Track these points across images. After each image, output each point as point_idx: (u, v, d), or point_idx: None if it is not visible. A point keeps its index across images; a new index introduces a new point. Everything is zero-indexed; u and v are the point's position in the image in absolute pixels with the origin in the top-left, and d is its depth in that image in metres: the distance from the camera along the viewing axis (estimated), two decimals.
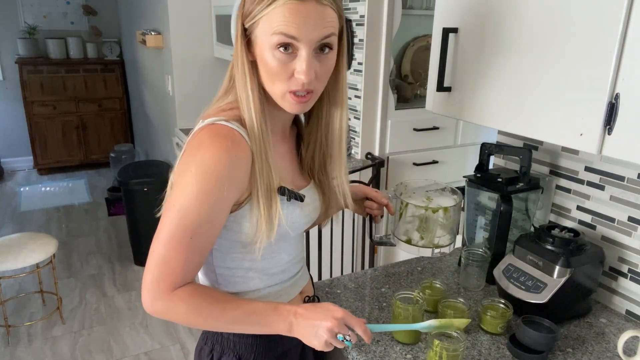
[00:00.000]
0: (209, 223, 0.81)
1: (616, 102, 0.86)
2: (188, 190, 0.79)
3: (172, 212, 0.80)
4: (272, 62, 0.82)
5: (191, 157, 0.81)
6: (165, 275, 0.81)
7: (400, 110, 2.43)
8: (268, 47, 0.82)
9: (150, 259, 0.81)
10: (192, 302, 0.82)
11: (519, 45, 1.01)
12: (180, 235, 0.80)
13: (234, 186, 0.82)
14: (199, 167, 0.79)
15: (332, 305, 0.86)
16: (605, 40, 0.85)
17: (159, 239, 0.81)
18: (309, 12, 0.80)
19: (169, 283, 0.81)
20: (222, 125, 0.82)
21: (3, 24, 5.00)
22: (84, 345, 2.62)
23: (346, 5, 2.30)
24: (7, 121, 5.25)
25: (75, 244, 3.78)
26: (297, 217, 0.93)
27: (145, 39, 3.32)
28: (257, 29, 0.82)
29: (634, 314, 1.21)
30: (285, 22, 0.80)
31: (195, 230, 0.80)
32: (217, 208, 0.81)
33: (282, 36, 0.80)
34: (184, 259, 0.81)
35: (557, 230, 1.19)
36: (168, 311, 0.82)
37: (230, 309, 0.84)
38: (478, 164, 1.37)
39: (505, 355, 1.05)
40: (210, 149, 0.79)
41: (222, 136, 0.81)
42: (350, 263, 2.51)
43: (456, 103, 1.20)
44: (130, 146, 5.03)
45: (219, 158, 0.79)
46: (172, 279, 0.81)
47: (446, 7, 1.19)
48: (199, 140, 0.82)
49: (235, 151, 0.81)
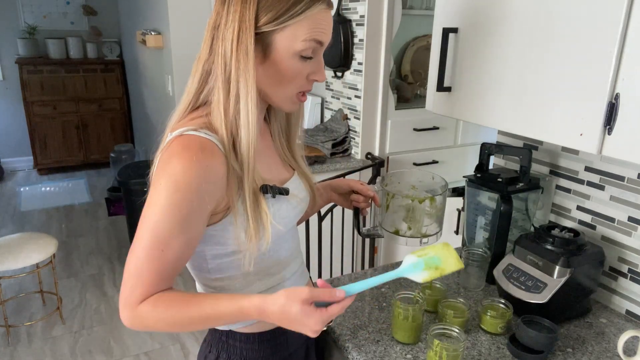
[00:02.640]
0: (182, 235, 0.79)
1: (616, 102, 0.86)
2: (158, 204, 0.77)
3: (144, 226, 0.78)
4: (293, 67, 0.82)
5: (162, 171, 0.79)
6: (137, 288, 0.79)
7: (400, 110, 2.43)
8: (292, 52, 0.81)
9: (125, 272, 0.80)
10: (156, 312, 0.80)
11: (519, 45, 1.01)
12: (151, 249, 0.78)
13: (207, 196, 0.80)
14: (168, 180, 0.77)
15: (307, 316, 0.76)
16: (605, 41, 0.85)
17: (132, 252, 0.80)
18: (330, 18, 0.84)
19: (139, 295, 0.79)
20: (191, 136, 0.80)
21: (3, 24, 5.00)
22: (84, 345, 2.62)
23: (346, 5, 2.30)
24: (7, 121, 5.25)
25: (75, 244, 3.78)
26: (285, 211, 0.91)
27: (145, 39, 3.32)
28: (280, 35, 0.80)
29: (634, 314, 1.21)
30: (317, 31, 0.81)
31: (167, 243, 0.78)
32: (189, 220, 0.79)
33: (313, 43, 0.82)
34: (155, 272, 0.79)
35: (557, 230, 1.19)
36: (139, 322, 0.81)
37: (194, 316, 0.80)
38: (478, 164, 1.37)
39: (505, 355, 1.05)
40: (180, 160, 0.77)
41: (192, 147, 0.78)
42: (350, 263, 2.51)
43: (456, 103, 1.20)
44: (130, 146, 5.02)
45: (188, 169, 0.77)
46: (143, 291, 0.79)
47: (446, 7, 1.19)
48: (169, 153, 0.79)
49: (205, 161, 0.78)
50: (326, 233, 2.19)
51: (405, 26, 2.41)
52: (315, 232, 2.13)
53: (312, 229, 2.15)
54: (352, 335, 1.10)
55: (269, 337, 0.96)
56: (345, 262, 2.46)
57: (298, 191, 0.96)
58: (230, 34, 0.79)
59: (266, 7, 0.79)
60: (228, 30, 0.80)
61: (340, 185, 1.17)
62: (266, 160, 0.94)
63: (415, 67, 2.69)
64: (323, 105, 2.68)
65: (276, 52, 0.81)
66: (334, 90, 2.53)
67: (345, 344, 1.07)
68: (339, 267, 2.41)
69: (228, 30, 0.80)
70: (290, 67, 0.82)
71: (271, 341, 0.96)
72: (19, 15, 5.04)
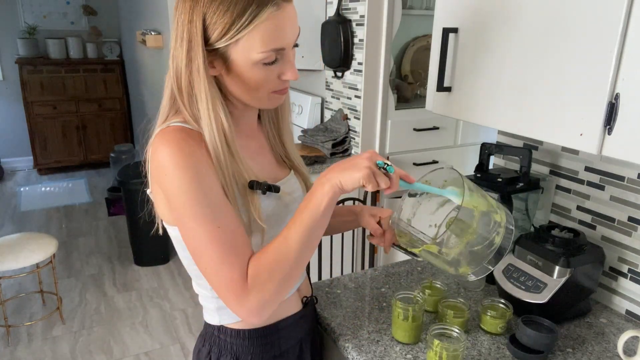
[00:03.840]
0: (215, 204, 0.78)
1: (616, 102, 0.86)
2: (177, 192, 0.77)
3: (184, 222, 0.78)
4: (257, 76, 0.81)
5: (157, 165, 0.79)
6: (232, 272, 0.78)
7: (400, 110, 2.43)
8: (250, 63, 0.79)
9: (210, 275, 0.79)
10: (265, 269, 0.78)
11: (519, 45, 1.01)
12: (209, 233, 0.77)
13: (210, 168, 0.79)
14: (169, 168, 0.77)
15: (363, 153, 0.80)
16: (605, 40, 0.85)
17: (197, 253, 0.79)
18: (287, 16, 0.80)
19: (239, 276, 0.78)
20: (169, 126, 0.81)
21: (3, 24, 5.00)
22: (84, 345, 2.62)
23: (346, 5, 2.30)
24: (7, 121, 5.25)
25: (75, 244, 3.78)
26: (276, 208, 0.91)
27: (145, 39, 3.32)
28: (234, 48, 0.79)
29: (634, 314, 1.21)
30: (272, 38, 0.78)
31: (214, 218, 0.77)
32: (212, 187, 0.79)
33: (271, 53, 0.79)
34: (231, 247, 0.78)
35: (557, 230, 1.19)
36: (262, 296, 0.79)
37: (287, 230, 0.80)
38: (478, 164, 1.37)
39: (505, 355, 1.05)
40: (165, 146, 0.78)
41: (169, 132, 0.79)
42: (350, 263, 2.50)
43: (456, 103, 1.20)
44: (130, 146, 5.02)
45: (177, 149, 0.77)
46: (239, 270, 0.78)
47: (446, 7, 1.19)
48: (153, 148, 0.80)
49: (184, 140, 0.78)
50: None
51: (405, 26, 2.41)
52: None
53: None
54: (352, 335, 1.10)
55: (259, 335, 0.96)
56: (345, 262, 2.46)
57: (292, 190, 0.96)
58: (180, 53, 0.80)
59: (213, 24, 0.77)
60: (177, 50, 0.80)
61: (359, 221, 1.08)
62: (260, 160, 0.95)
63: (415, 67, 2.69)
64: (323, 105, 2.68)
65: (235, 65, 0.80)
66: (334, 90, 2.53)
67: (345, 344, 1.07)
68: (339, 267, 2.41)
69: (177, 49, 0.80)
70: (254, 76, 0.81)
71: (261, 339, 0.96)
72: (19, 15, 5.04)
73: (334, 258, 2.33)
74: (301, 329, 1.04)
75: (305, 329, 1.06)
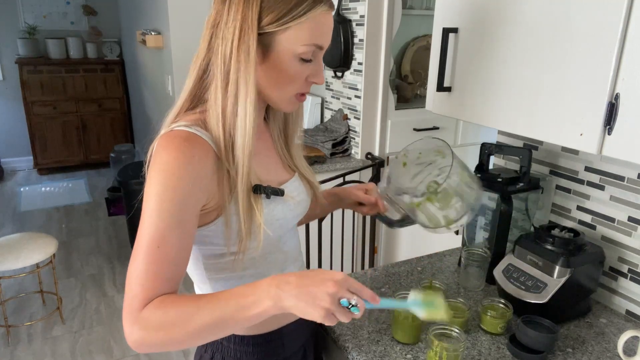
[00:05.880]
0: (177, 228, 0.75)
1: (616, 102, 0.86)
2: (151, 198, 0.75)
3: (140, 226, 0.75)
4: (293, 69, 0.82)
5: (152, 165, 0.77)
6: (138, 294, 0.73)
7: (400, 110, 2.43)
8: (292, 54, 0.80)
9: (126, 284, 0.75)
10: (160, 312, 0.72)
11: (519, 45, 1.01)
12: (148, 247, 0.74)
13: (197, 186, 0.77)
14: (157, 172, 0.76)
15: (327, 271, 0.74)
16: (605, 40, 0.85)
17: (132, 257, 0.75)
18: (330, 20, 0.84)
19: (141, 300, 0.73)
20: (178, 130, 0.79)
21: (3, 24, 5.00)
22: (84, 345, 2.62)
23: (346, 5, 2.30)
24: (7, 121, 5.25)
25: (75, 244, 3.78)
26: (280, 212, 0.90)
27: (145, 39, 3.32)
28: (281, 36, 0.79)
29: (634, 314, 1.21)
30: (318, 34, 0.81)
31: (162, 237, 0.74)
32: (182, 210, 0.75)
33: (314, 47, 0.81)
34: (154, 273, 0.73)
35: (557, 230, 1.19)
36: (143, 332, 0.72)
37: (205, 304, 0.73)
38: (478, 164, 1.37)
39: (505, 355, 1.05)
40: (166, 151, 0.76)
41: (176, 138, 0.77)
42: (350, 263, 2.51)
43: (456, 103, 1.20)
44: (130, 146, 5.03)
45: (174, 158, 0.75)
46: (145, 296, 0.73)
47: (446, 7, 1.19)
48: (157, 148, 0.78)
49: (190, 150, 0.76)
50: (326, 233, 2.19)
51: (405, 26, 2.41)
52: (315, 232, 2.13)
53: (312, 229, 2.15)
54: (352, 335, 1.10)
55: (263, 341, 0.95)
56: (345, 262, 2.46)
57: (296, 193, 0.95)
58: (231, 34, 0.78)
59: (268, 8, 0.77)
60: (229, 30, 0.78)
61: (344, 199, 1.16)
62: (265, 161, 0.93)
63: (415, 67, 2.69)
64: (323, 105, 2.68)
65: (276, 53, 0.80)
66: (334, 90, 2.53)
67: (345, 344, 1.07)
68: (339, 267, 2.41)
69: (229, 29, 0.78)
70: (289, 69, 0.82)
71: (265, 345, 0.95)
72: (19, 15, 5.04)
73: (334, 258, 2.34)
74: (304, 334, 1.04)
75: (307, 333, 1.06)
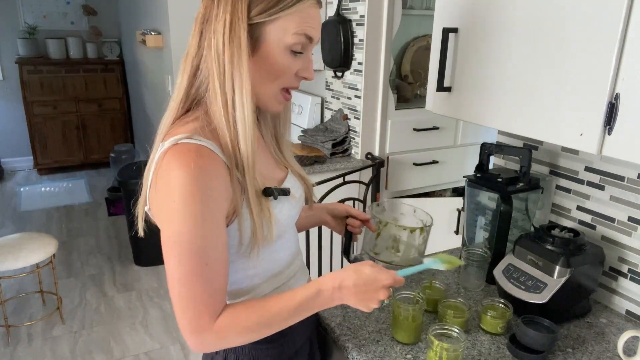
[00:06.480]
0: (214, 242, 0.78)
1: (616, 102, 0.86)
2: (178, 220, 0.75)
3: (174, 249, 0.76)
4: (283, 61, 0.82)
5: (166, 186, 0.76)
6: (201, 312, 0.77)
7: (400, 110, 2.43)
8: (282, 46, 0.80)
9: (177, 304, 0.78)
10: (238, 324, 0.80)
11: (519, 45, 1.01)
12: (194, 268, 0.76)
13: (219, 196, 0.78)
14: (178, 193, 0.74)
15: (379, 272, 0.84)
16: (605, 40, 0.85)
17: (175, 280, 0.77)
18: (319, 14, 0.84)
19: (207, 316, 0.78)
20: (185, 144, 0.77)
21: (3, 24, 5.00)
22: (84, 345, 2.62)
23: (346, 5, 2.30)
24: (7, 121, 5.25)
25: (75, 244, 3.78)
26: (287, 211, 0.92)
27: (145, 39, 3.31)
28: (270, 27, 0.79)
29: (634, 314, 1.21)
30: (307, 25, 0.81)
31: (208, 255, 0.76)
32: (214, 224, 0.77)
33: (303, 37, 0.81)
34: (210, 288, 0.78)
35: (557, 230, 1.19)
36: (220, 341, 0.81)
37: (276, 313, 0.82)
38: (478, 164, 1.37)
39: (505, 355, 1.05)
40: (181, 169, 0.74)
41: (188, 154, 0.76)
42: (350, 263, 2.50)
43: (456, 103, 1.20)
44: (130, 146, 5.02)
45: (192, 175, 0.74)
46: (209, 311, 0.78)
47: (446, 7, 1.19)
48: (167, 166, 0.77)
49: (205, 164, 0.76)
50: (326, 233, 2.19)
51: (405, 26, 2.41)
52: (315, 232, 2.13)
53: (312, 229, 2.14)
54: (352, 335, 1.10)
55: (276, 337, 0.95)
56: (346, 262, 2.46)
57: (295, 190, 0.97)
58: (222, 27, 0.78)
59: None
60: (219, 23, 0.78)
61: (337, 208, 1.17)
62: (261, 161, 0.94)
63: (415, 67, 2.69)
64: (323, 105, 2.68)
65: (266, 44, 0.81)
66: (334, 90, 2.53)
67: (345, 344, 1.07)
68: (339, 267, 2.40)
69: (219, 23, 0.78)
70: (279, 61, 0.82)
71: (278, 340, 0.95)
72: (19, 15, 5.04)
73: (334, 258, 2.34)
74: (309, 327, 1.06)
75: (312, 325, 1.08)
